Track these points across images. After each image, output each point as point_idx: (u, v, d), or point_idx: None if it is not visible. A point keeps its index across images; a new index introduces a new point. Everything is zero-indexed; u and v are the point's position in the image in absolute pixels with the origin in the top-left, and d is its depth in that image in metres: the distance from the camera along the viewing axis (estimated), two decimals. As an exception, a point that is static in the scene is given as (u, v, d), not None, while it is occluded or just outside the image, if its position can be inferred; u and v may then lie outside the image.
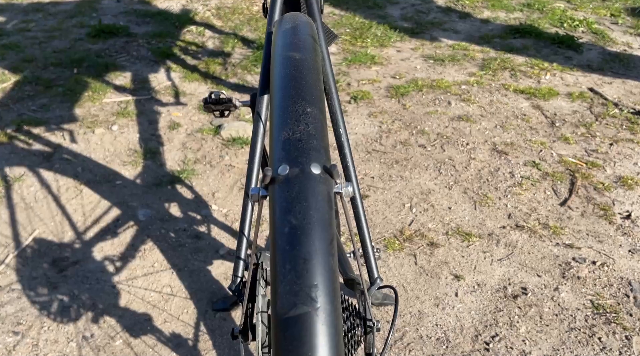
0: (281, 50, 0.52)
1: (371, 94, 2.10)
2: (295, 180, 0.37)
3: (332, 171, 0.38)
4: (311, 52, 0.51)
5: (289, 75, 0.47)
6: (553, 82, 2.16)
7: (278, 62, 0.51)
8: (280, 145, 0.40)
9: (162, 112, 1.99)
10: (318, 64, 0.51)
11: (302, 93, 0.44)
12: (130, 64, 2.32)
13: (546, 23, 2.61)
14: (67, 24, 2.66)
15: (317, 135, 0.40)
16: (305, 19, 0.62)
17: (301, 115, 0.42)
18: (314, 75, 0.47)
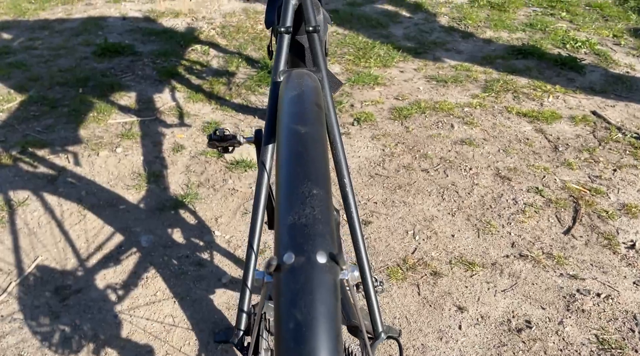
0: (287, 120, 0.53)
1: (374, 116, 2.11)
2: (301, 270, 0.37)
3: (338, 259, 0.38)
4: (317, 124, 0.52)
5: (294, 151, 0.47)
6: (556, 104, 2.16)
7: (283, 134, 0.51)
8: (286, 231, 0.40)
9: (166, 133, 2.00)
10: (324, 135, 0.51)
11: (307, 173, 0.44)
12: (135, 83, 2.33)
13: (549, 44, 2.62)
14: (73, 42, 2.68)
15: (323, 219, 0.41)
16: (311, 83, 0.62)
17: (307, 197, 0.42)
18: (320, 150, 0.48)
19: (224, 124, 2.06)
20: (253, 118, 2.12)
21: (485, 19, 2.92)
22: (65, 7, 3.14)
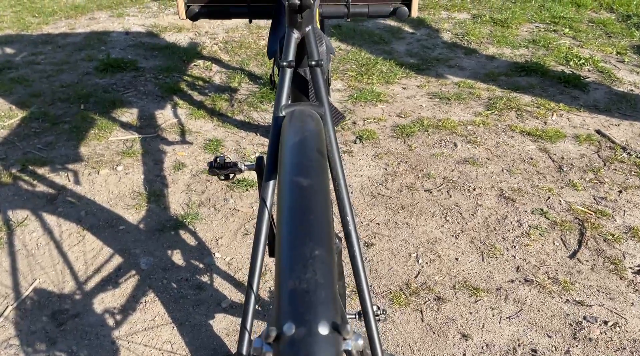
0: (289, 171, 0.51)
1: (377, 134, 2.09)
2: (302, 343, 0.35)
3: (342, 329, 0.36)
4: (319, 176, 0.50)
5: (296, 208, 0.46)
6: (560, 123, 2.15)
7: (285, 186, 0.49)
8: (287, 297, 0.38)
9: (168, 151, 1.98)
10: (326, 187, 0.50)
11: (309, 232, 0.43)
12: (138, 99, 2.33)
13: (552, 61, 2.61)
14: (76, 57, 2.69)
15: (326, 283, 0.39)
16: (313, 127, 0.61)
17: (308, 259, 0.41)
18: (323, 206, 0.46)
19: (226, 141, 2.05)
20: (255, 135, 2.10)
21: (488, 35, 2.92)
22: (69, 22, 3.16)
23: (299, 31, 0.76)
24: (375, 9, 1.36)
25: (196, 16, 1.34)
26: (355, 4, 1.36)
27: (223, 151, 1.99)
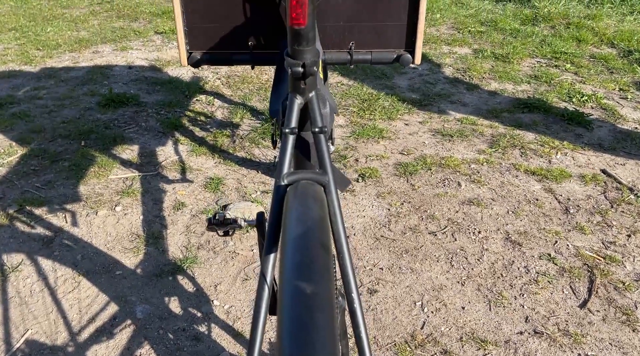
0: (290, 269, 0.49)
1: (379, 172, 2.07)
2: None
3: None
4: (323, 281, 0.47)
5: (298, 317, 0.43)
6: (564, 162, 2.12)
7: (286, 288, 0.47)
8: None
9: (168, 190, 1.96)
10: (330, 294, 0.47)
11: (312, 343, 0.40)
12: (139, 135, 2.32)
13: (554, 97, 2.61)
14: (78, 92, 2.69)
15: None
16: (317, 213, 0.59)
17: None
18: (327, 317, 0.43)
19: (227, 179, 2.03)
20: (256, 173, 2.08)
21: (489, 70, 2.93)
22: (73, 55, 3.18)
23: (302, 96, 0.74)
24: (379, 56, 1.35)
25: (198, 63, 1.33)
26: (358, 51, 1.35)
27: (224, 190, 1.96)
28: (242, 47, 1.37)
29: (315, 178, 0.67)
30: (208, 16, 1.30)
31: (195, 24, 1.30)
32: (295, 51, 0.70)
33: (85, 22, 3.88)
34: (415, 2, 1.30)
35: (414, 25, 1.33)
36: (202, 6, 1.29)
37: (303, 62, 0.70)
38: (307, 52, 0.70)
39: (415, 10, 1.31)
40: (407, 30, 1.34)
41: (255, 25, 1.33)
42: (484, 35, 3.38)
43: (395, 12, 1.32)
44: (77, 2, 4.45)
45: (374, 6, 1.31)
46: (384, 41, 1.35)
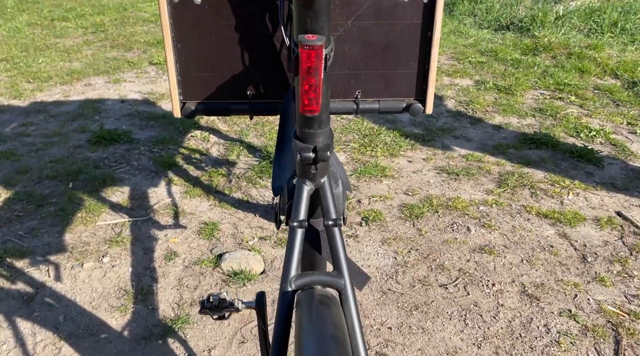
0: None
1: (383, 215, 1.96)
2: None
3: None
4: None
5: None
6: (577, 203, 2.03)
7: None
8: None
9: (159, 237, 1.84)
10: None
11: None
12: (130, 175, 2.21)
13: (561, 131, 2.53)
14: (68, 128, 2.59)
15: None
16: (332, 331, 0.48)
17: None
18: None
19: (222, 224, 1.91)
20: (254, 216, 1.97)
21: (493, 103, 2.86)
22: (64, 88, 3.09)
23: (312, 183, 0.64)
24: (387, 106, 1.26)
25: (192, 114, 1.23)
26: (365, 100, 1.26)
27: (219, 236, 1.85)
28: (240, 96, 1.28)
29: (329, 281, 0.56)
30: (203, 64, 1.21)
31: (189, 73, 1.21)
32: (305, 134, 0.61)
33: (79, 53, 3.81)
34: (426, 49, 1.22)
35: (425, 72, 1.24)
36: (197, 53, 1.20)
37: (314, 145, 0.60)
38: (319, 135, 0.61)
39: (426, 58, 1.23)
40: (418, 78, 1.25)
41: (255, 73, 1.24)
42: (485, 66, 3.33)
43: (405, 59, 1.24)
44: (71, 32, 4.39)
45: (382, 53, 1.22)
46: (393, 89, 1.26)
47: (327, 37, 0.57)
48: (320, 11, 0.54)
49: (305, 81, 0.55)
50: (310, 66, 0.54)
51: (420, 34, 1.23)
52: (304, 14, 0.54)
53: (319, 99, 0.56)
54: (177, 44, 1.21)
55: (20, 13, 4.94)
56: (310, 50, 0.53)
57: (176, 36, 1.21)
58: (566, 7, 3.98)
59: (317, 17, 0.55)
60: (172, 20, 1.19)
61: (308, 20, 0.54)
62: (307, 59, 0.53)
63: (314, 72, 0.54)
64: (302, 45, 0.53)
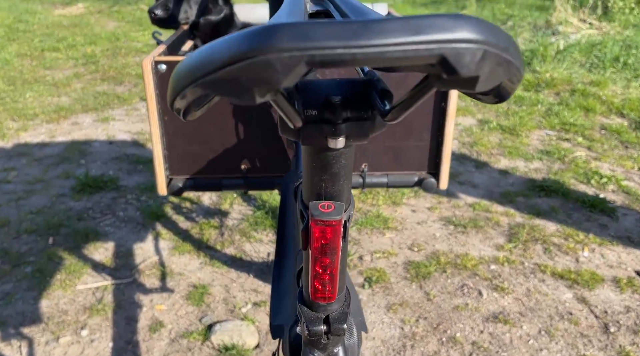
0: None
1: (387, 274, 1.83)
2: None
3: None
4: None
5: None
6: (593, 261, 1.90)
7: None
8: None
9: (144, 303, 1.69)
10: None
11: None
12: (115, 229, 2.06)
13: (571, 177, 2.42)
14: (52, 174, 2.45)
15: None
16: None
17: None
18: None
19: (213, 286, 1.77)
20: (247, 276, 1.83)
21: (497, 145, 2.75)
22: (50, 127, 2.96)
23: (322, 353, 0.51)
24: (396, 180, 1.14)
25: (180, 191, 1.11)
26: (373, 174, 1.14)
27: (209, 301, 1.70)
28: (233, 170, 1.16)
29: None
30: (192, 137, 1.09)
31: (177, 147, 1.09)
32: (314, 304, 0.47)
33: (68, 86, 3.69)
34: (440, 121, 1.11)
35: (438, 145, 1.13)
36: (185, 126, 1.08)
37: (327, 315, 0.47)
38: (334, 303, 0.48)
39: (440, 130, 1.12)
40: (430, 150, 1.14)
41: (249, 146, 1.12)
42: (487, 104, 3.23)
43: (417, 131, 1.13)
44: (61, 63, 4.28)
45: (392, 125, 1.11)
46: (403, 163, 1.15)
47: (348, 197, 0.45)
48: (339, 174, 0.42)
49: (317, 262, 0.42)
50: (326, 244, 0.41)
51: (434, 104, 1.12)
52: (317, 178, 0.42)
53: (336, 283, 0.43)
54: (163, 116, 1.10)
55: (10, 43, 4.84)
56: (326, 227, 0.41)
57: (163, 108, 1.09)
58: (566, 41, 3.93)
59: (335, 181, 0.43)
60: (159, 91, 1.07)
61: (322, 185, 0.42)
62: (321, 236, 0.41)
63: (331, 252, 0.42)
64: (314, 219, 0.40)
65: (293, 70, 0.28)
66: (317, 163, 0.41)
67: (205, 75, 0.30)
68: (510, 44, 0.31)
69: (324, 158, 0.41)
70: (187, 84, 0.32)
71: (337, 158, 0.42)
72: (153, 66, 1.03)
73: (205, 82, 0.31)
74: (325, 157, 0.41)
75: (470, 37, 0.28)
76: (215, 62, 0.29)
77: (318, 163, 0.41)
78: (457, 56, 0.28)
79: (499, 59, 0.30)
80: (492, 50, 0.29)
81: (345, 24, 0.28)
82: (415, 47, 0.28)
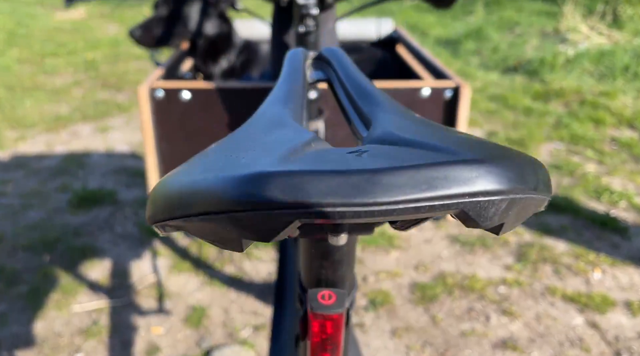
0: None
1: (392, 296, 1.77)
2: None
3: None
4: None
5: None
6: (605, 283, 1.84)
7: None
8: None
9: (141, 325, 1.64)
10: None
11: None
12: (112, 246, 2.01)
13: (581, 194, 2.36)
14: (49, 187, 2.40)
15: None
16: None
17: None
18: None
19: (212, 309, 1.71)
20: (247, 297, 1.77)
21: (504, 157, 2.69)
22: (48, 137, 2.91)
23: None
24: None
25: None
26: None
27: (208, 324, 1.65)
28: None
29: None
30: None
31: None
32: None
33: (67, 94, 3.65)
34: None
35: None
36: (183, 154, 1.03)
37: None
38: None
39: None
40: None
41: None
42: (495, 115, 3.17)
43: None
44: (62, 69, 4.24)
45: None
46: None
47: (351, 283, 0.40)
48: (342, 262, 0.37)
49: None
50: (326, 339, 0.36)
51: None
52: (317, 265, 0.37)
53: None
54: (160, 144, 1.05)
55: (11, 48, 4.81)
56: (326, 321, 0.35)
57: (159, 135, 1.04)
58: (575, 49, 3.86)
59: (337, 268, 0.37)
60: (156, 118, 1.02)
61: (323, 272, 0.37)
62: (320, 331, 0.36)
63: (332, 347, 0.37)
64: (313, 312, 0.35)
65: (285, 229, 0.24)
66: (317, 252, 0.36)
67: (186, 217, 0.26)
68: (540, 180, 0.28)
69: (324, 248, 0.36)
70: (164, 218, 0.28)
71: (340, 248, 0.36)
72: (150, 93, 0.98)
73: (186, 225, 0.27)
74: (326, 248, 0.36)
75: (494, 188, 0.24)
76: (197, 205, 0.25)
77: (318, 252, 0.36)
78: (478, 210, 0.24)
79: (526, 201, 0.26)
80: (519, 196, 0.25)
81: (346, 175, 0.24)
82: (429, 203, 0.24)
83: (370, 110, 0.40)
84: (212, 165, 0.27)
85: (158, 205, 0.29)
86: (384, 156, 0.26)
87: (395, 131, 0.31)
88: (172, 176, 0.29)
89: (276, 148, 0.28)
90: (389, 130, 0.32)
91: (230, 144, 0.32)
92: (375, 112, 0.39)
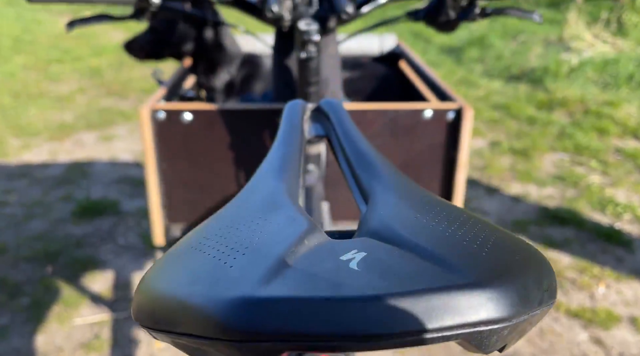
0: None
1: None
2: None
3: None
4: None
5: None
6: (609, 298, 1.83)
7: None
8: None
9: (142, 340, 1.64)
10: None
11: None
12: (115, 257, 2.01)
13: (585, 205, 2.34)
14: (52, 197, 2.41)
15: None
16: None
17: None
18: None
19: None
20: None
21: (509, 168, 2.68)
22: (52, 146, 2.92)
23: None
24: None
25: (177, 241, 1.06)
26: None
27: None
28: None
29: None
30: (191, 186, 1.03)
31: (175, 195, 1.04)
32: None
33: (72, 101, 3.66)
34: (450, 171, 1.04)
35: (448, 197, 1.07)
36: (184, 174, 1.03)
37: None
38: None
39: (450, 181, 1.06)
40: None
41: None
42: (498, 124, 3.16)
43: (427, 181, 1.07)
44: (67, 76, 4.26)
45: None
46: None
47: None
48: None
49: None
50: None
51: (443, 155, 1.06)
52: None
53: None
54: (161, 164, 1.05)
55: (16, 55, 4.83)
56: None
57: (161, 156, 1.04)
58: (579, 57, 3.85)
59: None
60: (158, 139, 1.02)
61: None
62: None
63: None
64: None
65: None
66: None
67: (168, 332, 0.26)
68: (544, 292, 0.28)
69: None
70: (150, 327, 0.29)
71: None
72: (151, 115, 0.98)
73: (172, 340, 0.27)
74: None
75: (496, 316, 0.24)
76: (183, 324, 0.25)
77: None
78: (480, 339, 0.24)
79: (530, 319, 0.26)
80: (523, 318, 0.25)
81: (339, 304, 0.23)
82: (428, 336, 0.23)
83: (369, 184, 0.40)
84: (200, 270, 0.27)
85: (143, 310, 0.29)
86: (380, 269, 0.26)
87: (394, 225, 0.31)
88: (159, 275, 0.29)
89: (267, 251, 0.27)
90: (387, 222, 0.32)
91: (221, 231, 0.32)
92: (374, 186, 0.39)
